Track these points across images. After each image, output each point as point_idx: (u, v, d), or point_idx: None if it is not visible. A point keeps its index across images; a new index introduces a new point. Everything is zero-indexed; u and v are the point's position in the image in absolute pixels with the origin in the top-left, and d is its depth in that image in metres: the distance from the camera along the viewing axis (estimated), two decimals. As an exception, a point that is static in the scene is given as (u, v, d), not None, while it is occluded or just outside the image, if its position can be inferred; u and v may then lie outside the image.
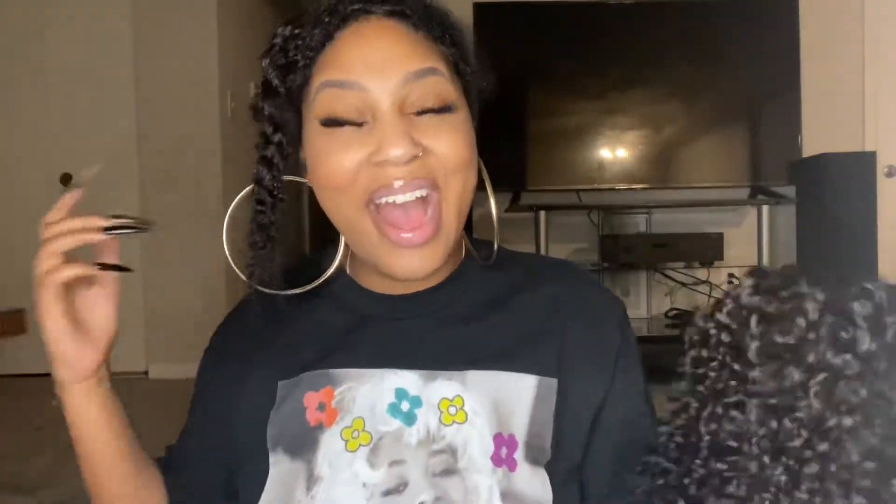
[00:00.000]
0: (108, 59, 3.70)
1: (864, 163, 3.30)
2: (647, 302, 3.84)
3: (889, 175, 3.72)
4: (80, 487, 0.76)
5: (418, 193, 0.63)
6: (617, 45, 3.57)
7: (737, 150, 3.63)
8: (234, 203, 0.70)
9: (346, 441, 0.65)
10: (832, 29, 3.75)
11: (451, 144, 0.64)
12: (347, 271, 0.74)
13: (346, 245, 0.71)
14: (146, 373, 3.67)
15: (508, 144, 3.53)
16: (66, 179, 3.73)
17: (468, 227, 0.72)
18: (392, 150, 0.61)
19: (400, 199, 0.63)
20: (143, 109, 3.65)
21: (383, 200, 0.63)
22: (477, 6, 3.32)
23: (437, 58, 0.65)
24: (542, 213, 3.26)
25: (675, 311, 3.76)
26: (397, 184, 0.62)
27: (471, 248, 0.74)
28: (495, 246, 0.73)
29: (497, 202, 0.73)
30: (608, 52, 3.58)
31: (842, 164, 3.27)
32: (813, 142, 3.56)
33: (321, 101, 0.63)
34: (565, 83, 3.60)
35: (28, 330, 4.13)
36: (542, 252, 3.24)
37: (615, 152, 3.58)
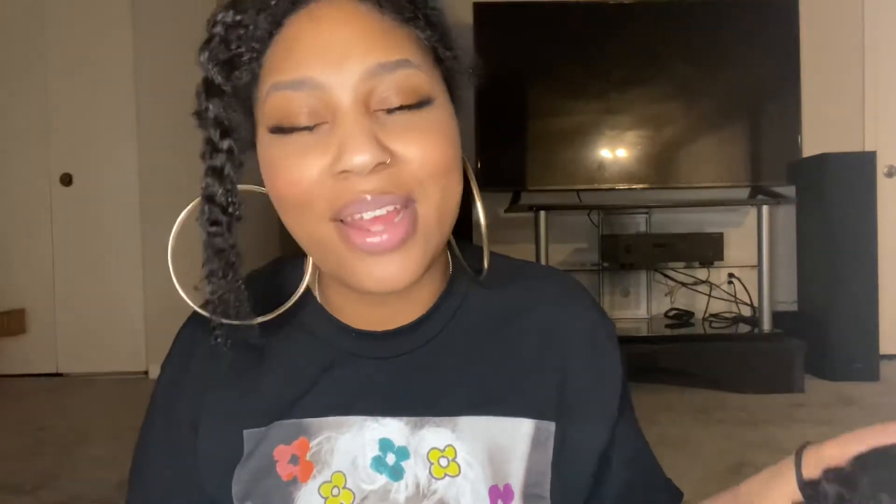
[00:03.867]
0: (108, 58, 3.70)
1: (864, 163, 3.29)
2: (647, 302, 3.84)
3: (889, 175, 3.72)
4: (80, 487, 0.75)
5: (389, 208, 0.53)
6: (617, 45, 3.57)
7: (737, 150, 3.63)
8: (176, 224, 0.60)
9: (326, 499, 0.58)
10: (832, 29, 3.75)
11: (427, 148, 0.53)
12: (317, 298, 0.64)
13: (314, 264, 0.62)
14: (146, 373, 3.67)
15: (508, 144, 3.53)
16: (66, 179, 3.74)
17: (466, 231, 0.64)
18: (355, 157, 0.51)
19: (367, 215, 0.53)
20: (143, 109, 3.66)
21: (350, 218, 0.53)
22: (477, 6, 3.32)
23: (410, 45, 0.54)
24: (542, 213, 3.26)
25: (674, 311, 3.77)
26: (362, 196, 0.53)
27: (461, 259, 0.64)
28: (485, 263, 0.62)
29: (485, 209, 0.61)
30: (608, 52, 3.57)
31: (842, 164, 3.27)
32: (813, 142, 3.56)
33: (271, 106, 0.53)
34: (565, 83, 3.60)
35: (28, 330, 4.15)
36: (542, 252, 3.24)
37: (615, 152, 3.58)
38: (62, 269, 3.74)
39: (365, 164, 0.51)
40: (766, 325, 3.27)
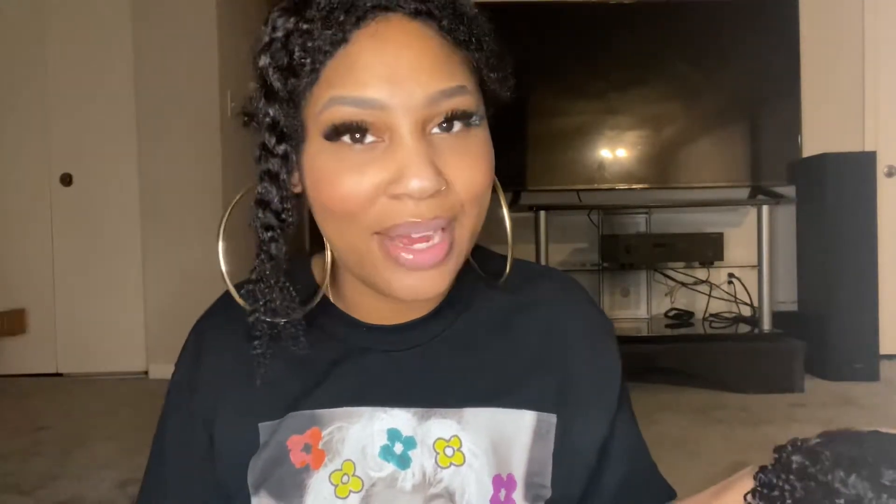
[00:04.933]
0: (108, 59, 3.70)
1: (864, 163, 3.30)
2: (647, 302, 3.84)
3: (889, 175, 3.72)
4: (79, 487, 0.75)
5: (433, 233, 0.56)
6: (617, 45, 3.57)
7: (737, 150, 3.63)
8: (225, 214, 0.61)
9: (336, 486, 0.61)
10: (832, 29, 3.75)
11: (473, 171, 0.56)
12: (330, 296, 0.66)
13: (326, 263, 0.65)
14: (146, 373, 3.67)
15: (508, 144, 3.52)
16: (66, 179, 3.74)
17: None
18: (415, 181, 0.52)
19: (414, 235, 0.55)
20: (143, 110, 3.65)
21: (394, 234, 0.56)
22: (477, 6, 3.31)
23: (464, 68, 0.57)
24: (542, 213, 3.26)
25: (674, 311, 3.77)
26: (413, 220, 0.54)
27: (471, 259, 0.66)
28: (507, 269, 0.65)
29: (510, 218, 0.65)
30: (608, 53, 3.58)
31: (842, 164, 3.27)
32: (813, 142, 3.56)
33: (328, 117, 0.54)
34: (565, 83, 3.60)
35: (28, 330, 4.15)
36: (542, 252, 3.24)
37: (615, 152, 3.58)
38: (62, 269, 3.74)
39: (424, 189, 0.53)
40: (766, 325, 3.27)
